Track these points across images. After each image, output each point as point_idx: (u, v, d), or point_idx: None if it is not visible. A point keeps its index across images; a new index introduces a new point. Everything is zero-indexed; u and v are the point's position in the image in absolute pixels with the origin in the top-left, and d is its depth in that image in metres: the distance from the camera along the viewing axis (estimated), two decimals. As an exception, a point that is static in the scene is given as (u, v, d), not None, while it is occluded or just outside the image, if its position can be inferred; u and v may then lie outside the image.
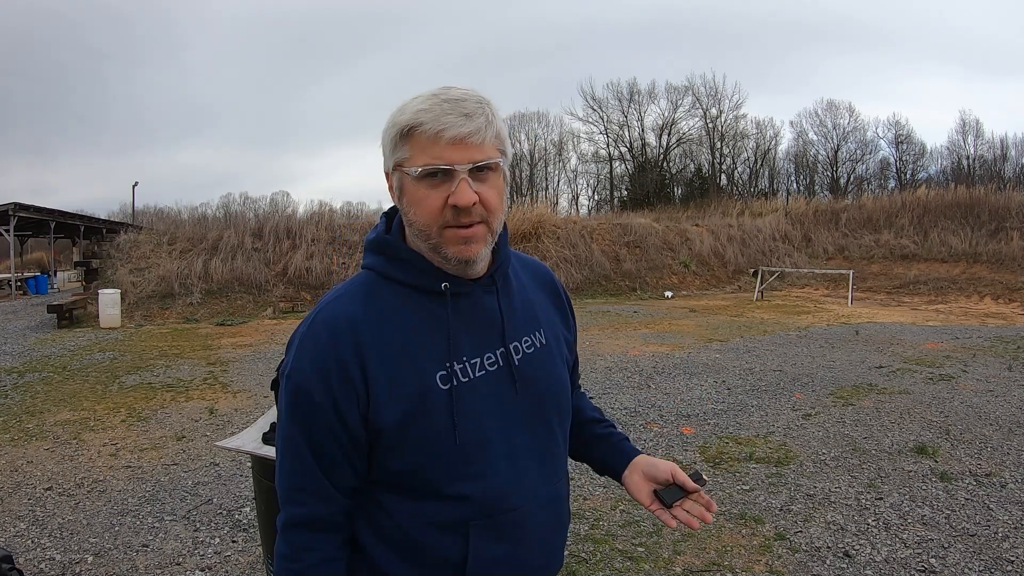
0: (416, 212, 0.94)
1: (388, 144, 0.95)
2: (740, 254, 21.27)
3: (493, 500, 0.99)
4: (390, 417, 0.93)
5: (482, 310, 1.02)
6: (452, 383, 0.96)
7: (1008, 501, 3.66)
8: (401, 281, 0.99)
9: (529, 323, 1.08)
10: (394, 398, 0.93)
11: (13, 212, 18.66)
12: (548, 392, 1.08)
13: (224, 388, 6.88)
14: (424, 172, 0.91)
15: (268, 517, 2.09)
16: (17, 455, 4.65)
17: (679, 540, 3.23)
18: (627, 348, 9.22)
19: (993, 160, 38.07)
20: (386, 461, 0.96)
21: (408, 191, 0.94)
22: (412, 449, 0.95)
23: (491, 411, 0.99)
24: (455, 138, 0.90)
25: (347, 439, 0.95)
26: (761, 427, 5.21)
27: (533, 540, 1.04)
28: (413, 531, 0.98)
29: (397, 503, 0.99)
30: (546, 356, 1.09)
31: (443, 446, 0.95)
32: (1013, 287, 16.54)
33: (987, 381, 6.76)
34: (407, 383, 0.94)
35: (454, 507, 0.97)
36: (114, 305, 12.66)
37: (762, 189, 40.10)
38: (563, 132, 43.41)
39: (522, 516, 1.02)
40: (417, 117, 0.90)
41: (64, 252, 31.16)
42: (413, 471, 0.96)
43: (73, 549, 3.19)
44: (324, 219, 18.31)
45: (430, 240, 0.95)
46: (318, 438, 0.94)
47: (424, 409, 0.94)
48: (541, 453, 1.06)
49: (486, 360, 1.00)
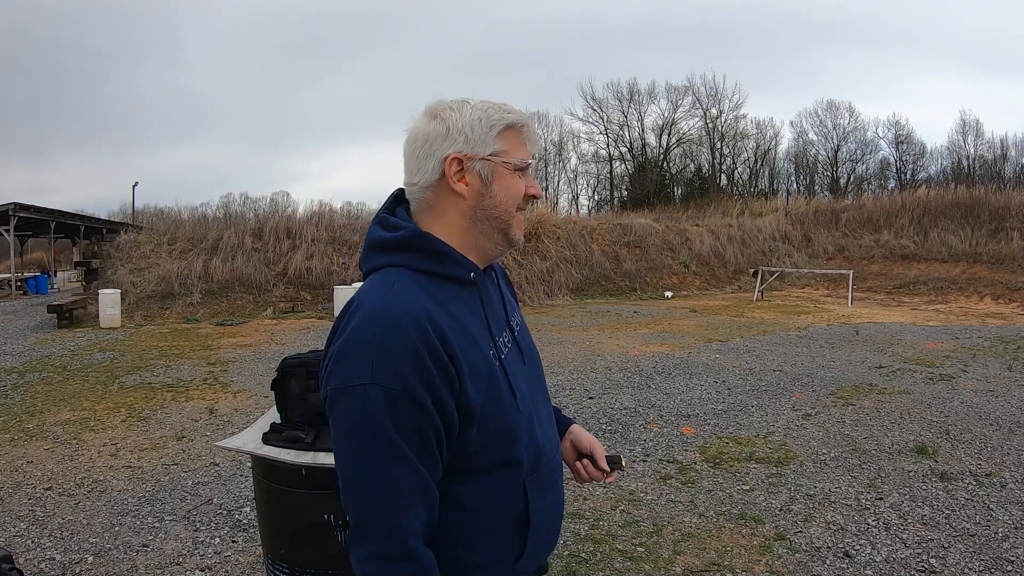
0: (505, 196, 1.07)
1: (481, 134, 1.05)
2: (740, 254, 21.26)
3: (537, 456, 1.09)
4: (477, 398, 0.99)
5: (492, 295, 1.15)
6: (500, 358, 1.07)
7: (1008, 501, 3.66)
8: (437, 273, 1.05)
9: (511, 306, 1.24)
10: (475, 380, 1.00)
11: (13, 212, 18.67)
12: (538, 362, 1.25)
13: (224, 388, 6.88)
14: (524, 164, 1.08)
15: (268, 517, 2.09)
16: (17, 455, 4.65)
17: (679, 540, 3.23)
18: (627, 348, 9.22)
19: (993, 160, 38.06)
20: (467, 442, 1.00)
21: (501, 177, 1.06)
22: (491, 424, 1.02)
23: (520, 379, 1.11)
24: (535, 142, 1.11)
25: (445, 431, 0.97)
26: (761, 427, 5.21)
27: (560, 486, 1.19)
28: (479, 510, 1.03)
29: (464, 489, 1.02)
30: (528, 331, 1.27)
31: (509, 416, 1.04)
32: (1013, 287, 16.53)
33: (987, 381, 6.76)
34: (479, 365, 1.01)
35: (516, 470, 1.05)
36: (114, 305, 12.67)
37: (762, 189, 40.09)
38: (563, 132, 43.42)
39: (555, 467, 1.17)
40: (523, 119, 1.08)
41: (64, 252, 31.17)
42: (486, 447, 1.02)
43: (73, 549, 3.19)
44: (324, 219, 18.30)
45: (501, 221, 1.08)
46: (423, 438, 0.95)
47: (494, 386, 1.03)
48: (548, 413, 1.22)
49: (505, 336, 1.14)
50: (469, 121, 1.04)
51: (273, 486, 2.02)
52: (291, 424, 2.09)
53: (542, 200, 31.27)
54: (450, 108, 1.06)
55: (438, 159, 1.05)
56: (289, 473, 1.96)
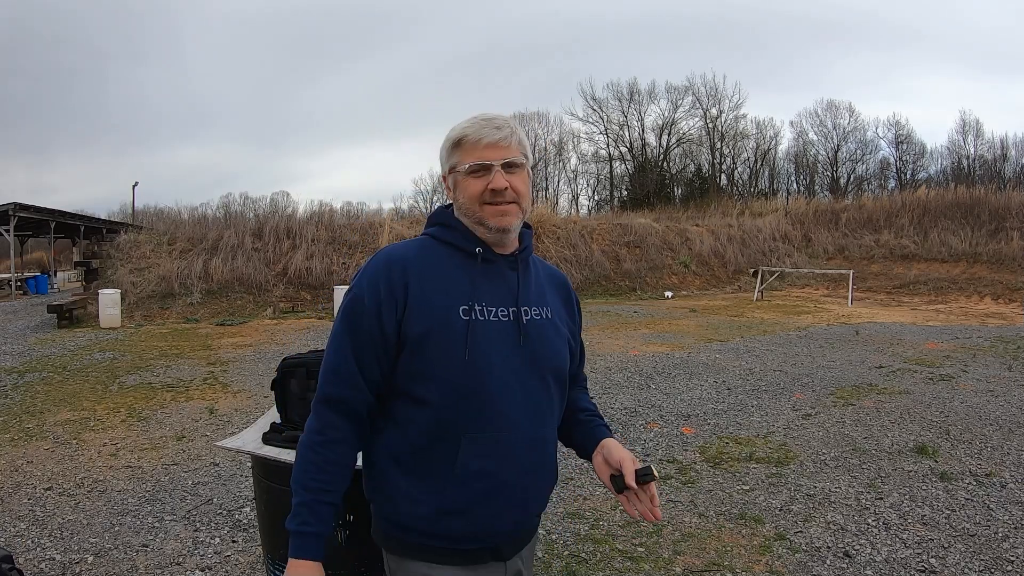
0: (463, 196, 1.28)
1: (444, 155, 1.31)
2: (740, 254, 21.27)
3: (486, 418, 1.21)
4: (418, 327, 1.21)
5: (503, 277, 1.30)
6: (471, 317, 1.23)
7: (1008, 501, 3.66)
8: (449, 242, 1.30)
9: (538, 300, 1.34)
10: (423, 314, 1.22)
11: (13, 212, 18.67)
12: (547, 353, 1.30)
13: (224, 388, 6.88)
14: (471, 168, 1.25)
15: (268, 517, 2.09)
16: (17, 455, 4.65)
17: (679, 540, 3.23)
18: (627, 348, 9.22)
19: (993, 160, 38.07)
20: (409, 363, 1.22)
21: (459, 183, 1.28)
22: (431, 355, 1.21)
23: (497, 349, 1.24)
24: (490, 143, 1.25)
25: (381, 339, 1.22)
26: (761, 427, 5.21)
27: (515, 468, 1.24)
28: (416, 440, 1.22)
29: (407, 414, 1.24)
30: (549, 326, 1.33)
31: (454, 360, 1.20)
32: (1013, 287, 16.54)
33: (987, 381, 6.76)
34: (435, 306, 1.23)
35: (452, 421, 1.21)
36: (114, 305, 12.67)
37: (762, 189, 40.10)
38: (563, 132, 43.48)
39: (508, 441, 1.23)
40: (463, 131, 1.27)
41: (64, 252, 31.18)
42: (426, 375, 1.21)
43: (73, 549, 3.19)
44: (324, 219, 18.33)
45: (474, 215, 1.27)
46: (360, 336, 1.23)
47: (445, 329, 1.21)
48: (531, 397, 1.27)
49: (499, 312, 1.26)
50: (441, 146, 1.32)
51: (273, 486, 2.02)
52: (291, 424, 2.09)
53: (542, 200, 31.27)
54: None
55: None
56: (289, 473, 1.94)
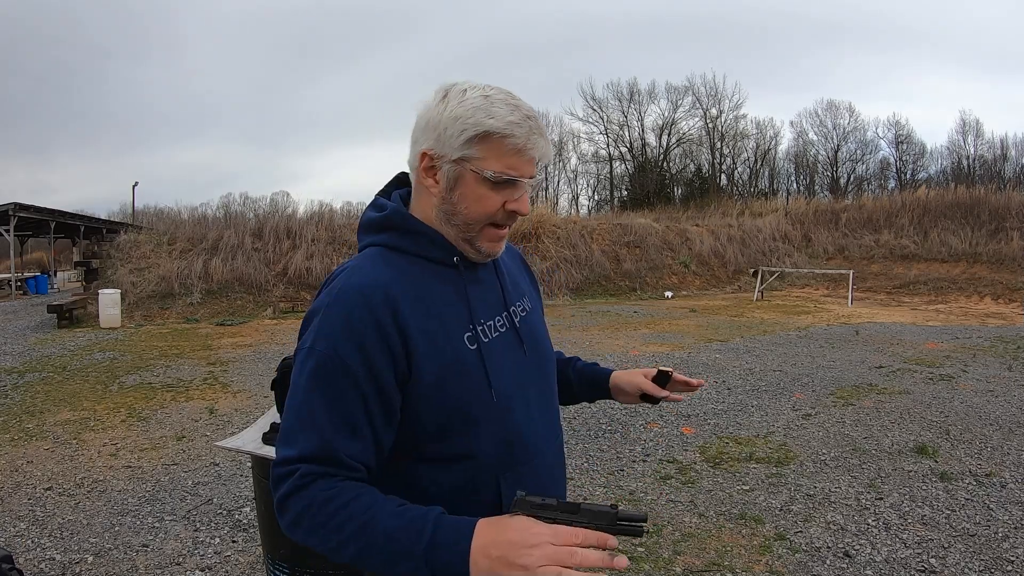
0: (469, 207, 0.99)
1: (457, 134, 0.96)
2: (740, 254, 21.26)
3: (518, 453, 1.03)
4: (430, 371, 0.96)
5: (485, 280, 1.09)
6: (479, 343, 1.01)
7: (1008, 501, 3.66)
8: (411, 252, 1.03)
9: (517, 292, 1.17)
10: (433, 353, 0.96)
11: (13, 212, 18.66)
12: (543, 350, 1.17)
13: (224, 388, 6.88)
14: (499, 179, 0.97)
15: (268, 517, 2.09)
16: (17, 455, 4.65)
17: (679, 540, 3.23)
18: (627, 348, 9.22)
19: (993, 160, 38.04)
20: (422, 416, 0.96)
21: (467, 185, 0.99)
22: (450, 405, 0.97)
23: (508, 368, 1.05)
24: (536, 158, 0.98)
25: (378, 405, 0.94)
26: (761, 427, 5.21)
27: (548, 484, 1.09)
28: (446, 498, 0.96)
29: (427, 473, 0.99)
30: (536, 318, 1.19)
31: (480, 403, 0.99)
32: (1013, 287, 16.53)
33: (987, 381, 6.76)
34: (441, 340, 0.98)
35: (490, 467, 1.00)
36: (114, 305, 12.66)
37: (762, 189, 40.09)
38: (563, 132, 43.40)
39: (540, 464, 1.08)
40: (510, 128, 0.95)
41: (64, 252, 31.17)
42: (447, 428, 0.97)
43: (73, 549, 3.19)
44: (324, 219, 18.31)
45: (469, 232, 1.01)
46: (342, 407, 0.92)
47: (460, 367, 0.98)
48: (546, 405, 1.14)
49: (497, 322, 1.07)
50: (449, 117, 0.97)
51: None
52: (291, 424, 2.09)
53: (542, 200, 31.32)
54: (449, 95, 0.99)
55: (417, 148, 1.01)
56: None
